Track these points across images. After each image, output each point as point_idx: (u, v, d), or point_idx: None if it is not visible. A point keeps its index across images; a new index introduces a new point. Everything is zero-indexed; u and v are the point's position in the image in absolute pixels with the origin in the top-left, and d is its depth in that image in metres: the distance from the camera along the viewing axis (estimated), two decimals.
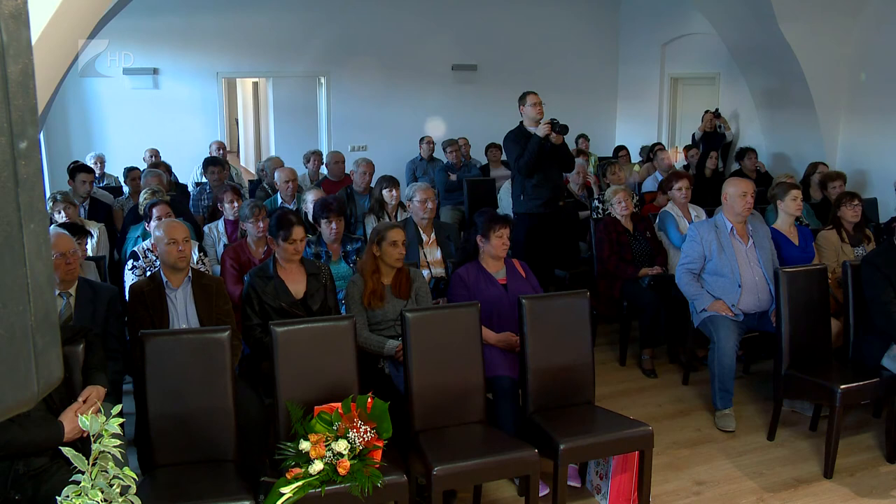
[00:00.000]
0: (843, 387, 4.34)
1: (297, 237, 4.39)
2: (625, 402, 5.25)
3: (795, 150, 9.43)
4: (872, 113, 8.57)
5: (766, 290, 5.15)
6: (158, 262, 4.55)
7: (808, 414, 5.04)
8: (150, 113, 10.36)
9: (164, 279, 4.30)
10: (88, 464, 1.93)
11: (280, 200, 6.97)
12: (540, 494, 3.75)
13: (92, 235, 5.71)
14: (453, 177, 9.17)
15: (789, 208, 5.65)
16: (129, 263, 5.03)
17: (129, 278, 4.91)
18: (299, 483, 3.23)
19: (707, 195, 7.42)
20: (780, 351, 4.72)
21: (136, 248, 5.15)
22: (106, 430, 1.93)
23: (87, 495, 1.85)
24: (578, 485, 4.19)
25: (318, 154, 8.91)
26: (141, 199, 6.10)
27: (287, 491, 3.20)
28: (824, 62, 8.64)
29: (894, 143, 8.30)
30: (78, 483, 1.91)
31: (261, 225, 5.24)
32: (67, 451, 1.95)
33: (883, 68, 8.35)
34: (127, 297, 4.47)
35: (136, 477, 2.04)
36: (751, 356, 5.91)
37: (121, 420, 1.99)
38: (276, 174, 7.26)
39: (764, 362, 5.84)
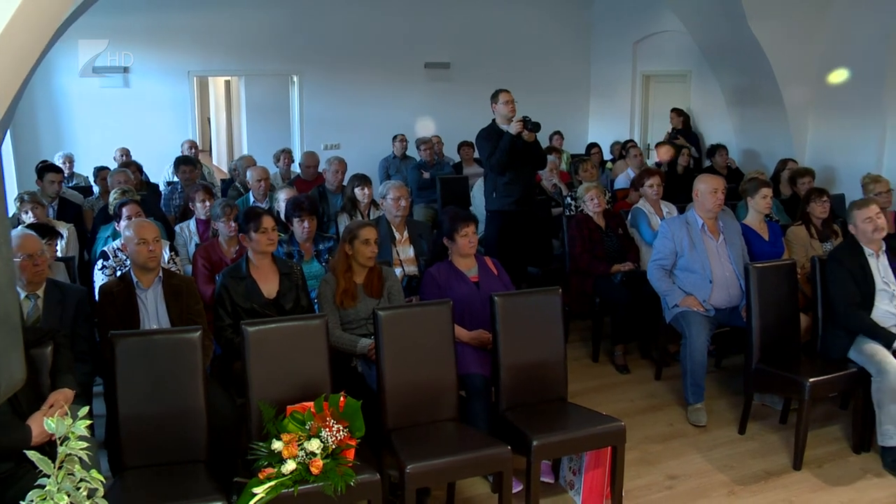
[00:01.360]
0: (811, 380, 4.40)
1: (267, 226, 4.37)
2: (597, 398, 5.28)
3: (765, 146, 9.51)
4: (840, 110, 8.66)
5: (736, 286, 5.19)
6: (129, 262, 4.51)
7: (778, 407, 5.10)
8: (121, 112, 10.23)
9: (135, 279, 4.27)
10: (55, 467, 1.91)
11: (252, 199, 6.93)
12: (513, 491, 3.77)
13: (62, 236, 5.65)
14: (426, 175, 9.17)
15: (759, 206, 5.71)
16: (99, 264, 4.98)
17: (99, 279, 4.87)
18: (272, 483, 3.21)
19: (679, 192, 7.46)
20: (751, 345, 4.77)
21: (106, 249, 5.10)
22: (73, 433, 1.91)
23: (52, 499, 1.83)
24: (552, 481, 4.21)
25: (287, 153, 8.87)
26: (111, 199, 6.05)
27: (259, 491, 3.19)
28: (793, 60, 8.73)
29: (861, 140, 8.39)
30: (43, 487, 1.88)
31: (232, 224, 5.20)
32: (32, 455, 1.93)
33: (850, 67, 8.44)
34: (96, 298, 4.43)
35: (103, 480, 2.02)
36: (722, 351, 5.98)
37: (88, 422, 1.97)
38: (248, 173, 7.22)
39: (735, 357, 5.90)
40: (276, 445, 3.31)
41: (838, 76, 8.26)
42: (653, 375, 5.77)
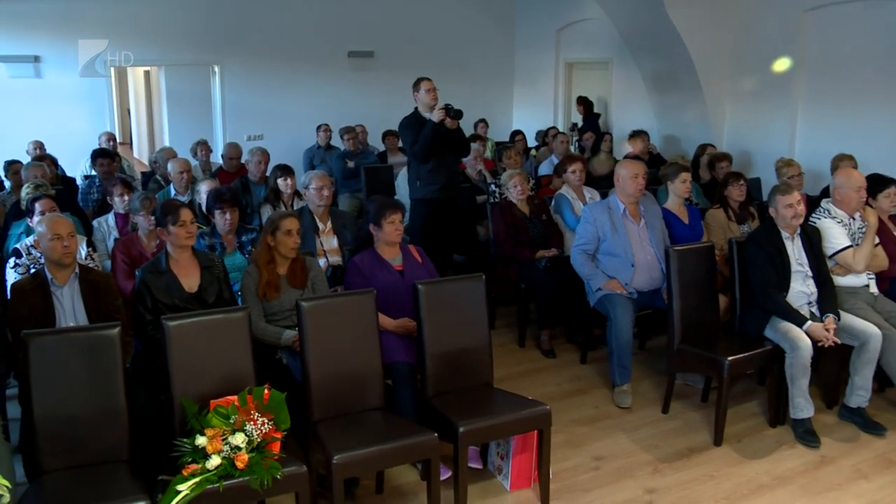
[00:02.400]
0: (730, 358, 4.52)
1: (185, 219, 4.28)
2: (524, 382, 5.33)
3: (685, 132, 9.71)
4: (756, 97, 8.91)
5: (657, 269, 5.29)
6: (43, 260, 4.37)
7: (700, 386, 5.22)
8: (33, 103, 9.92)
9: (49, 276, 4.15)
10: None
11: (174, 192, 6.79)
12: (442, 478, 3.78)
13: None
14: (351, 164, 9.11)
15: (678, 190, 5.83)
16: (12, 261, 4.82)
17: (12, 277, 4.71)
18: (196, 479, 3.17)
19: (601, 178, 7.57)
20: (672, 327, 4.88)
21: (18, 245, 4.94)
22: None
23: None
24: (480, 466, 4.23)
25: (204, 144, 8.70)
26: (23, 194, 5.86)
27: (184, 488, 3.14)
28: (711, 47, 8.92)
29: (776, 125, 8.64)
30: None
31: (152, 218, 5.08)
32: None
33: (763, 54, 8.67)
34: (8, 297, 4.28)
35: (8, 485, 1.95)
36: (645, 333, 6.09)
37: None
38: (169, 165, 7.06)
39: (658, 338, 6.03)
40: (200, 441, 3.26)
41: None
42: (578, 359, 5.85)
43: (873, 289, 5.03)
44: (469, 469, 3.98)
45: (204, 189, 5.99)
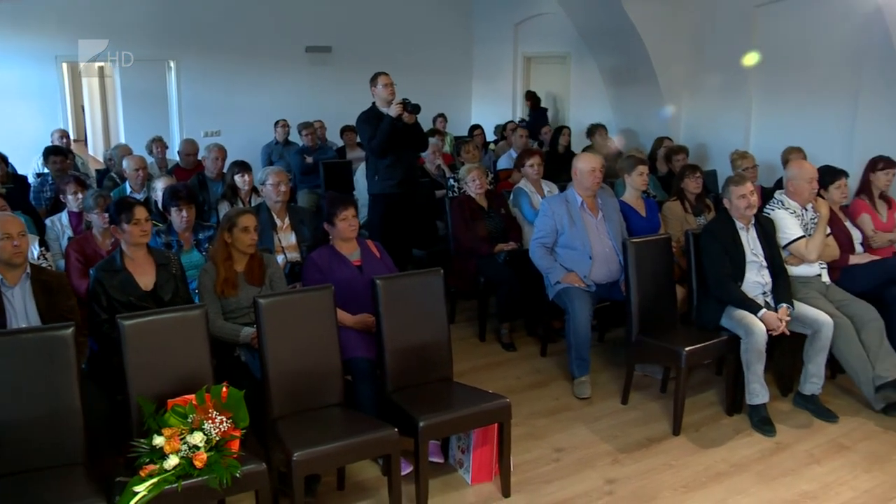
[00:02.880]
0: (687, 349, 4.58)
1: (140, 217, 4.21)
2: (485, 376, 5.34)
3: (642, 125, 9.80)
4: (711, 90, 9.00)
5: (615, 261, 5.33)
6: None
7: (659, 377, 5.28)
8: None
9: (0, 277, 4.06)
10: None
11: (129, 189, 6.70)
12: (403, 473, 3.78)
13: None
14: (309, 160, 9.06)
15: (635, 182, 5.88)
16: None
17: None
18: (154, 480, 3.13)
19: (560, 171, 7.61)
20: (630, 318, 4.92)
21: None
22: None
23: None
24: (441, 461, 4.23)
25: (159, 141, 8.59)
26: None
27: (141, 489, 3.10)
28: (667, 42, 9.00)
29: (731, 118, 8.74)
30: None
31: (106, 216, 5.01)
32: None
33: (720, 48, 8.76)
34: None
35: None
36: (604, 325, 6.13)
37: None
38: (124, 162, 6.97)
39: (617, 330, 6.07)
40: (158, 441, 3.22)
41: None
42: (538, 352, 5.88)
43: (825, 278, 5.13)
44: (430, 463, 3.99)
45: (160, 186, 5.92)
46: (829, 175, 5.34)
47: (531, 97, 11.26)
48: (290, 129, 9.88)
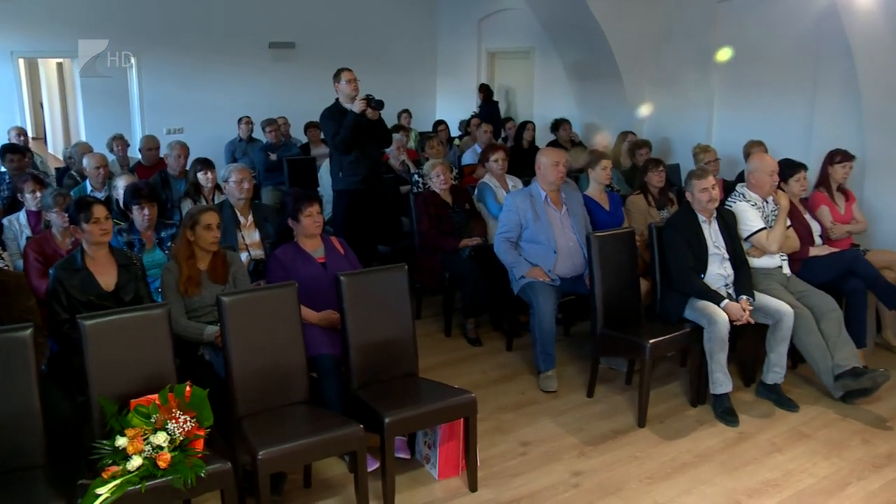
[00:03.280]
0: (651, 341, 4.61)
1: (99, 215, 4.16)
2: (451, 371, 5.34)
3: (606, 120, 9.83)
4: (674, 85, 9.06)
5: (580, 255, 5.36)
6: None
7: (623, 370, 5.32)
8: None
9: None
10: None
11: (90, 188, 6.61)
12: (369, 469, 3.77)
13: None
14: (273, 157, 9.01)
15: (599, 177, 5.92)
16: None
17: None
18: (117, 481, 3.09)
19: (524, 166, 7.63)
20: (595, 312, 4.95)
21: None
22: None
23: None
24: (408, 456, 4.23)
25: (120, 138, 8.47)
26: None
27: (103, 491, 3.05)
28: (630, 37, 9.03)
29: (693, 112, 8.81)
30: None
31: (65, 215, 4.93)
32: None
33: (683, 43, 8.83)
34: None
35: None
36: (570, 319, 6.16)
37: None
38: (84, 160, 6.87)
39: (582, 324, 6.10)
40: (121, 442, 3.18)
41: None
42: (504, 346, 5.89)
43: (786, 270, 5.20)
44: (397, 459, 3.99)
45: (121, 184, 5.84)
46: (788, 168, 5.41)
47: (483, 90, 11.31)
48: (253, 126, 9.81)
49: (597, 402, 5.01)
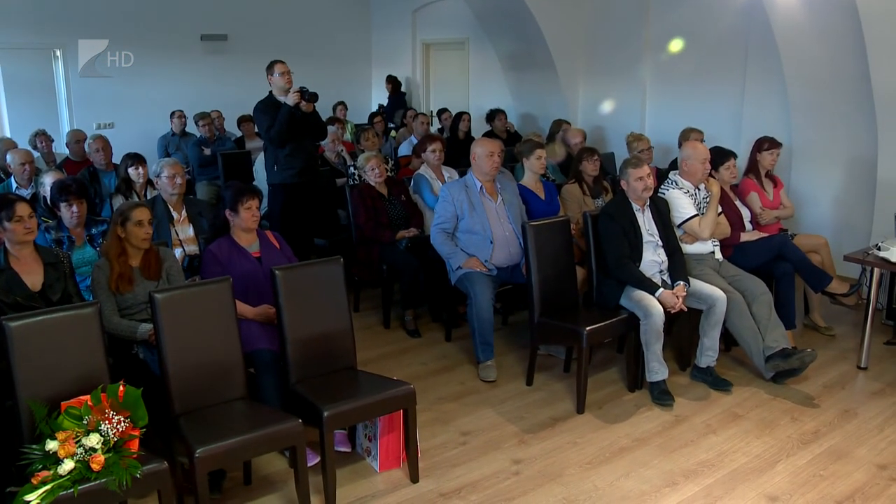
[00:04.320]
0: (587, 328, 4.66)
1: (22, 213, 4.02)
2: (390, 363, 5.35)
3: (541, 109, 9.93)
4: (606, 74, 9.19)
5: (516, 244, 5.40)
6: None
7: (562, 357, 5.37)
8: None
9: None
10: None
11: (15, 185, 6.42)
12: (310, 464, 3.76)
13: None
14: (207, 151, 8.87)
15: (534, 166, 5.97)
16: None
17: None
18: (47, 487, 3.00)
19: (460, 157, 7.64)
20: (532, 300, 4.98)
21: None
22: None
23: None
24: (348, 450, 4.22)
25: (42, 134, 8.25)
26: None
27: (33, 498, 2.97)
28: (564, 27, 9.14)
29: (626, 101, 8.95)
30: None
31: None
32: None
33: (616, 33, 8.94)
34: None
35: None
36: (507, 308, 6.20)
37: None
38: (8, 157, 6.68)
39: (520, 313, 6.15)
40: (51, 445, 3.09)
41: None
42: (443, 337, 5.91)
43: (718, 255, 5.31)
44: (337, 453, 3.99)
45: (48, 181, 5.69)
46: (719, 156, 5.51)
47: (391, 81, 11.35)
48: (186, 120, 9.63)
49: (536, 391, 5.05)
